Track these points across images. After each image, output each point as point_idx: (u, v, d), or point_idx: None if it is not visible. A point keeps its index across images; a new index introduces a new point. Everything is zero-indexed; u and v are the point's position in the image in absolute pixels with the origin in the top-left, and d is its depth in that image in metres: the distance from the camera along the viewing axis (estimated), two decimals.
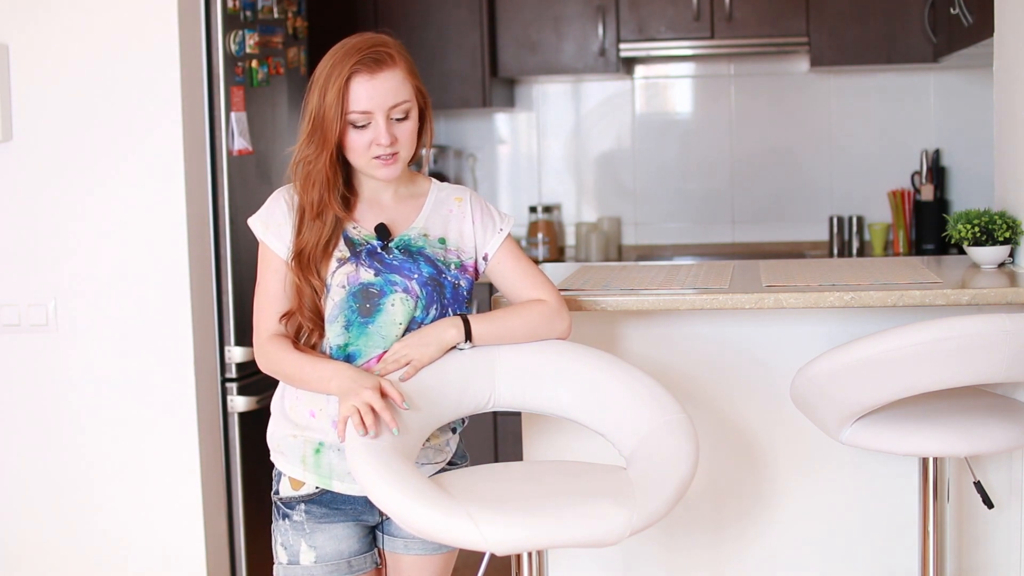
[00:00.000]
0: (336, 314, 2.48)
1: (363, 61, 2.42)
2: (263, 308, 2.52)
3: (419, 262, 2.51)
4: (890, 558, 3.23)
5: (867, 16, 5.14)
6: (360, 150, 2.46)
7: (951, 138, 5.42)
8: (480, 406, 2.58)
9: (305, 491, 2.53)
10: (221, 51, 3.82)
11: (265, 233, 2.51)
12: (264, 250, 2.52)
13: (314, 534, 2.52)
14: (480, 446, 5.01)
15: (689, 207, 5.62)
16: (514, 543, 2.22)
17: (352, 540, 2.54)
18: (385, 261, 2.50)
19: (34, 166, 3.75)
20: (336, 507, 2.53)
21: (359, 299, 2.47)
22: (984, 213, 3.29)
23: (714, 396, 3.23)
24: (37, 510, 3.82)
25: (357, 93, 2.43)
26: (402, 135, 2.47)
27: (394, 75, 2.45)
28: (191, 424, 3.75)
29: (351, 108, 2.43)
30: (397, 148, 2.47)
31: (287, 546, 2.54)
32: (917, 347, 2.65)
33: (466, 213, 2.60)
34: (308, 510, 2.52)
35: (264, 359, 2.52)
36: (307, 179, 2.47)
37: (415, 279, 2.50)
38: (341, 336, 2.48)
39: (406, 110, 2.47)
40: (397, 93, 2.45)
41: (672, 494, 2.34)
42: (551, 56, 5.34)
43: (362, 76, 2.42)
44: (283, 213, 2.51)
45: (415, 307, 2.50)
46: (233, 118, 3.86)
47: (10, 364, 3.79)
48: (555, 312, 2.60)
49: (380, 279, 2.48)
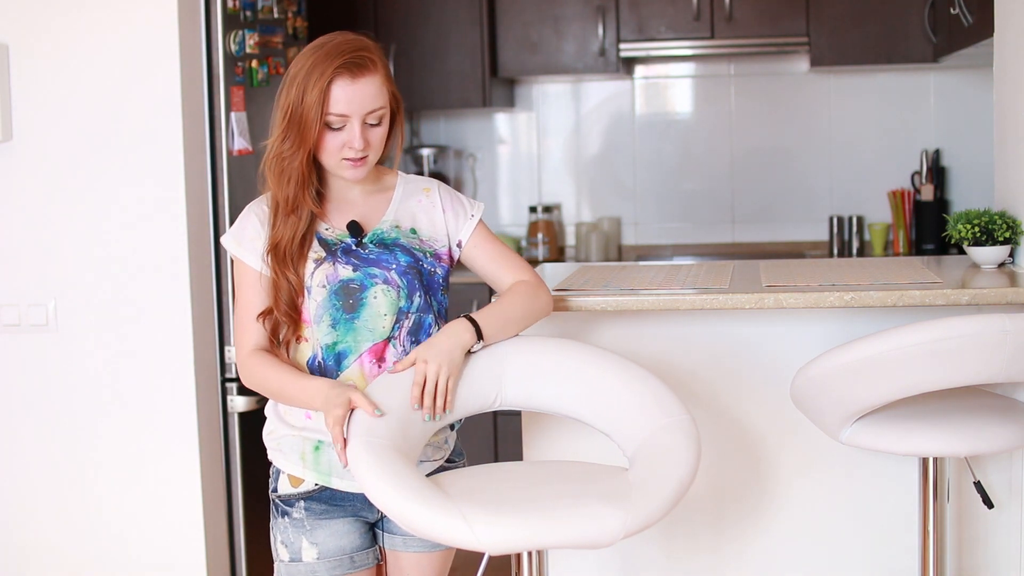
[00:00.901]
0: (321, 314, 2.49)
1: (346, 65, 2.43)
2: (243, 322, 2.52)
3: (396, 252, 2.53)
4: (890, 558, 3.23)
5: (867, 16, 5.13)
6: (332, 151, 2.47)
7: (951, 138, 5.42)
8: (487, 405, 2.59)
9: (304, 488, 2.53)
10: (221, 51, 3.83)
11: (239, 249, 2.52)
12: (240, 266, 2.53)
13: (315, 531, 2.52)
14: (480, 446, 5.01)
15: (689, 207, 5.62)
16: (507, 543, 2.22)
17: (353, 536, 2.55)
18: (362, 256, 2.51)
19: (34, 166, 3.75)
20: (336, 504, 2.53)
21: (341, 296, 2.48)
22: (984, 213, 3.29)
23: (714, 396, 3.23)
24: (37, 510, 3.82)
25: (337, 96, 2.44)
26: (374, 140, 2.49)
27: (374, 81, 2.46)
28: (191, 424, 3.75)
29: (330, 110, 2.44)
30: (367, 151, 2.48)
31: (288, 543, 2.54)
32: (917, 347, 2.65)
33: (435, 203, 2.62)
34: (308, 507, 2.53)
35: (247, 374, 2.52)
36: (282, 175, 2.48)
37: (394, 269, 2.51)
38: (329, 335, 2.49)
39: (381, 116, 2.49)
40: (375, 99, 2.47)
41: (669, 497, 2.33)
42: (551, 56, 5.33)
43: (344, 80, 2.43)
44: (255, 228, 2.52)
45: (398, 297, 2.51)
46: (233, 118, 3.86)
47: (10, 364, 3.80)
48: (537, 287, 2.62)
49: (359, 274, 2.49)
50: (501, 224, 5.71)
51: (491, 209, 5.71)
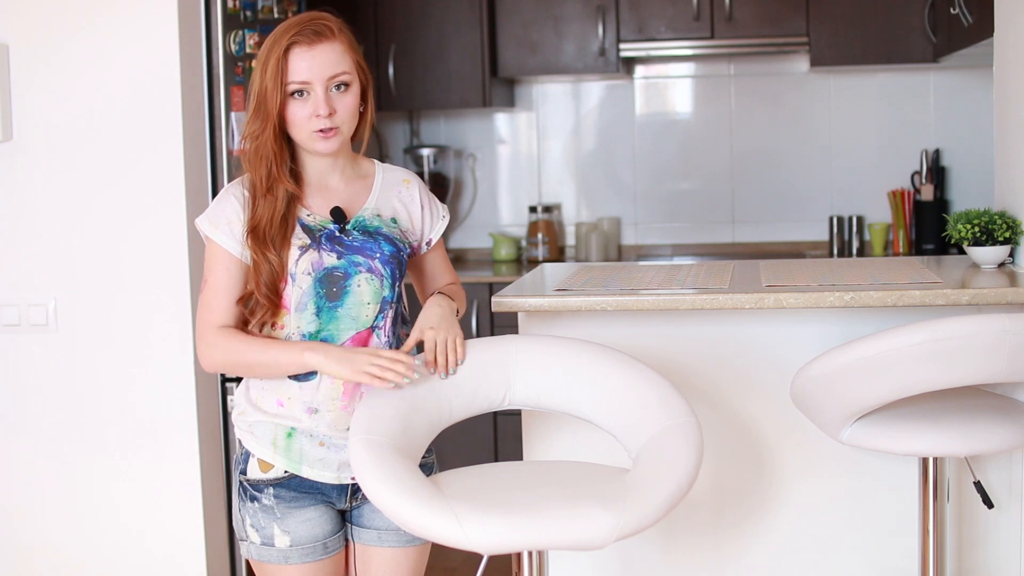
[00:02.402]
0: (305, 302, 2.48)
1: (302, 33, 2.45)
2: (209, 303, 2.49)
3: (379, 241, 2.54)
4: (890, 558, 3.23)
5: (867, 16, 5.13)
6: (300, 123, 2.47)
7: (951, 138, 5.41)
8: (495, 404, 2.59)
9: (273, 474, 2.52)
10: (221, 51, 3.83)
11: (215, 232, 2.49)
12: (213, 248, 2.50)
13: (286, 519, 2.52)
14: (480, 446, 5.01)
15: (689, 207, 5.61)
16: (498, 544, 2.23)
17: (324, 522, 2.54)
18: (345, 243, 2.51)
19: (34, 166, 3.75)
20: (305, 491, 2.53)
21: (325, 284, 2.48)
22: (984, 213, 3.29)
23: (714, 396, 3.23)
24: (37, 510, 3.82)
25: (296, 64, 2.45)
26: (342, 108, 2.48)
27: (332, 47, 2.47)
28: (191, 424, 3.75)
29: (289, 79, 2.45)
30: (337, 122, 2.48)
31: (259, 528, 2.53)
32: (917, 347, 2.65)
33: (414, 197, 2.64)
34: (277, 494, 2.52)
35: (212, 350, 2.48)
36: (255, 155, 2.48)
37: (377, 258, 2.52)
38: (312, 323, 2.49)
39: (345, 81, 2.48)
40: (336, 64, 2.47)
41: (665, 500, 2.32)
42: (551, 56, 5.33)
43: (300, 47, 2.45)
44: (234, 210, 2.50)
45: (382, 286, 2.52)
46: (233, 118, 3.86)
47: (10, 364, 3.80)
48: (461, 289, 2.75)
49: (343, 261, 2.49)
50: (501, 224, 5.71)
51: (491, 209, 5.71)
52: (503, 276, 5.17)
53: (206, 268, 2.52)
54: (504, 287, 3.20)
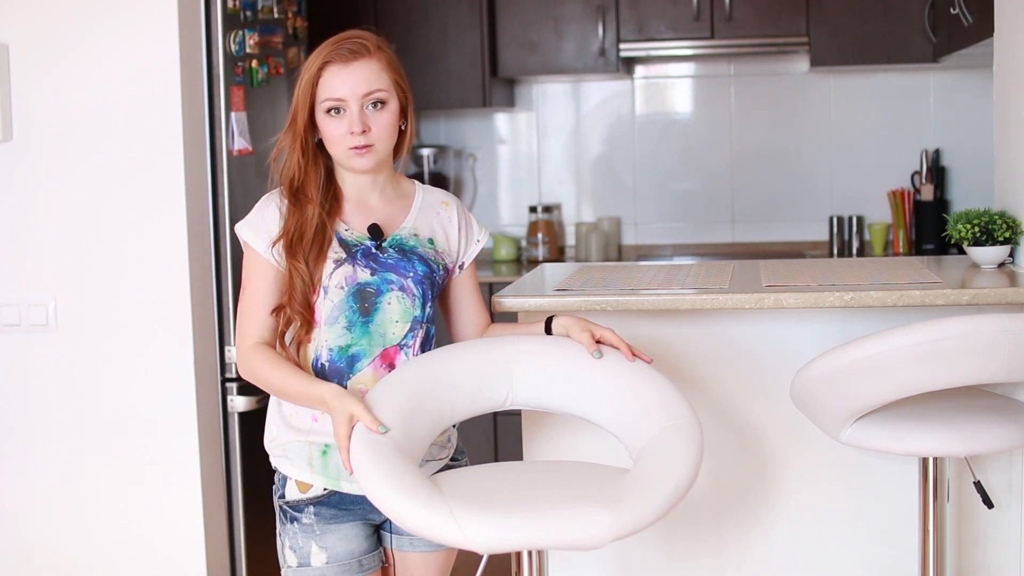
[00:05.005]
0: (336, 315, 2.49)
1: (338, 51, 2.48)
2: (248, 314, 2.51)
3: (413, 260, 2.54)
4: (890, 558, 3.23)
5: (867, 16, 5.13)
6: (336, 140, 2.49)
7: (951, 138, 5.42)
8: (497, 405, 2.59)
9: (313, 493, 2.53)
10: (221, 51, 3.82)
11: (255, 239, 2.51)
12: (253, 256, 2.52)
13: (324, 535, 2.53)
14: (480, 446, 5.01)
15: (689, 207, 5.62)
16: (495, 543, 2.23)
17: (361, 539, 2.55)
18: (380, 260, 2.51)
19: (34, 166, 3.75)
20: (344, 507, 2.53)
21: (358, 299, 2.48)
22: (984, 213, 3.29)
23: (714, 396, 3.23)
24: (37, 510, 3.82)
25: (330, 81, 2.47)
26: (377, 126, 2.49)
27: (368, 65, 2.48)
28: (191, 424, 3.75)
29: (325, 96, 2.47)
30: (372, 139, 2.48)
31: (296, 549, 2.54)
32: (917, 347, 2.65)
33: (452, 219, 2.64)
34: (317, 512, 2.53)
35: (247, 368, 2.51)
36: (286, 168, 2.52)
37: (410, 277, 2.52)
38: (343, 337, 2.49)
39: (381, 99, 2.49)
40: (371, 82, 2.48)
41: (664, 500, 2.32)
42: (551, 56, 5.34)
43: (335, 66, 2.47)
44: (273, 217, 2.51)
45: (413, 305, 2.52)
46: (233, 118, 3.86)
47: (10, 364, 3.80)
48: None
49: (376, 278, 2.50)
50: (501, 224, 5.71)
51: (491, 209, 5.71)
52: (503, 276, 5.18)
53: (244, 275, 2.54)
54: (504, 287, 3.20)
